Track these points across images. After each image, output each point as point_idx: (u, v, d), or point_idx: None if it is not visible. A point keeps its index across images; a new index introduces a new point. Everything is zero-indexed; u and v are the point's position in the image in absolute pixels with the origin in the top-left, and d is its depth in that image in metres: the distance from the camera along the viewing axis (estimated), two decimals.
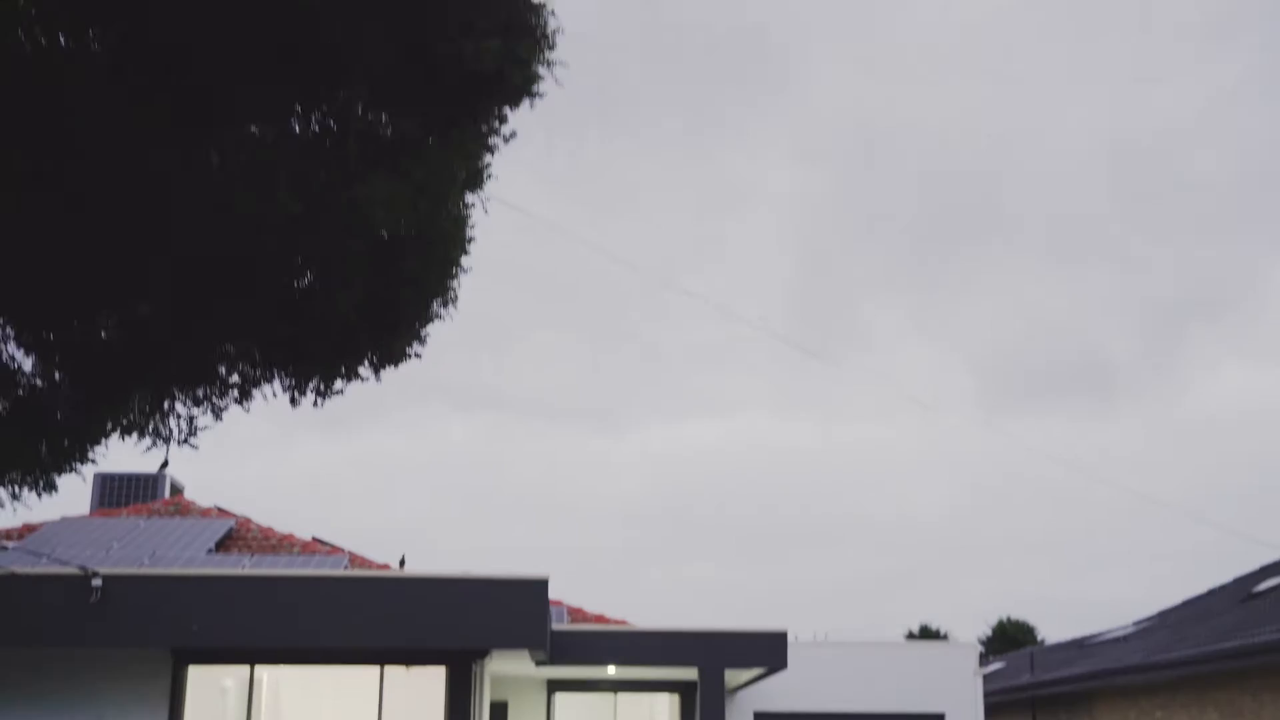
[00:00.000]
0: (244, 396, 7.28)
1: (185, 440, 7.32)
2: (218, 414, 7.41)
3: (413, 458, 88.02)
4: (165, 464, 22.76)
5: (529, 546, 74.50)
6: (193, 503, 21.66)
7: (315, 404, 7.38)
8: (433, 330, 7.46)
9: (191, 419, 7.35)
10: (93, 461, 7.48)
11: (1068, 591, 73.05)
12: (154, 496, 22.47)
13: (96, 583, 14.27)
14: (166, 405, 7.22)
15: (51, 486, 7.44)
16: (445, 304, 7.53)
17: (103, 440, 7.37)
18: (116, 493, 22.47)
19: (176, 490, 23.11)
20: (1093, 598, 70.73)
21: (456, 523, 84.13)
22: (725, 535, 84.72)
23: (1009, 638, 46.23)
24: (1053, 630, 52.03)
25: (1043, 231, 56.14)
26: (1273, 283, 57.62)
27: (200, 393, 7.23)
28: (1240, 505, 69.46)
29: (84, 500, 22.51)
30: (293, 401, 7.35)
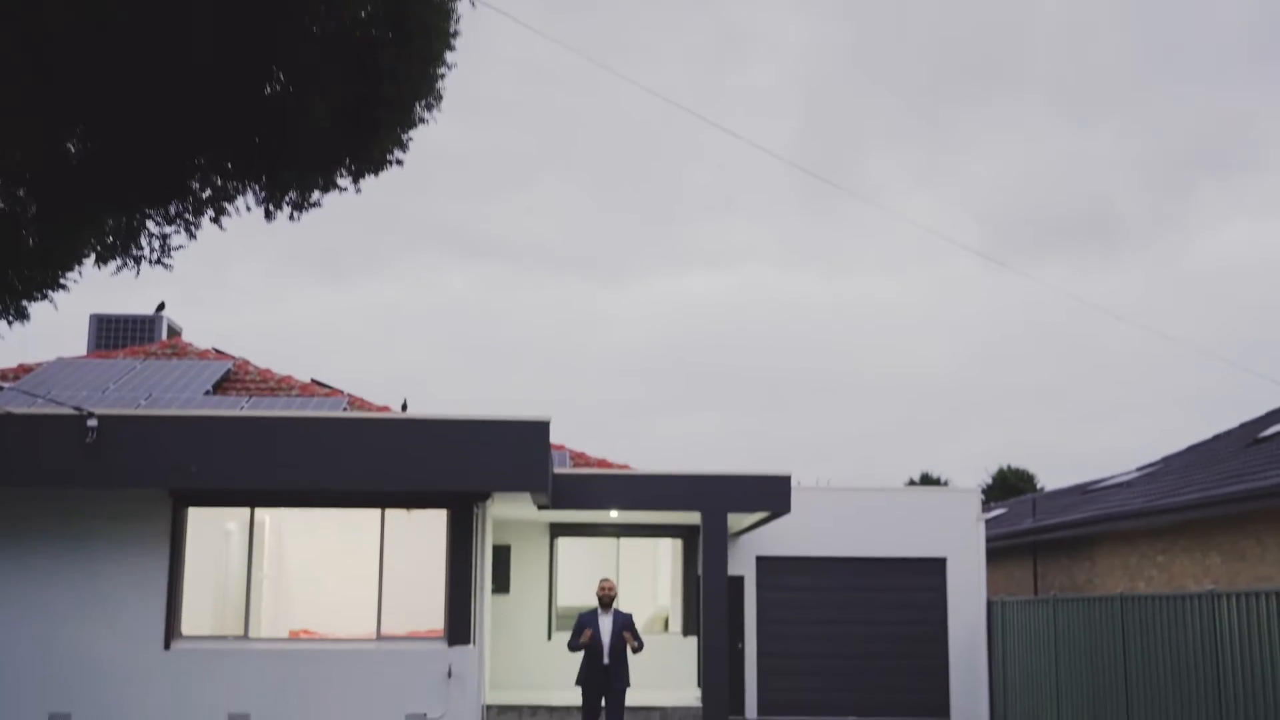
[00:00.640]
0: (218, 213, 6.88)
1: (158, 260, 6.96)
2: (191, 232, 7.03)
3: (412, 307, 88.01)
4: (162, 305, 22.51)
5: (531, 396, 74.90)
6: (190, 344, 21.42)
7: (291, 217, 6.98)
8: (417, 137, 7.02)
9: (164, 237, 6.97)
10: (64, 288, 7.14)
11: (1069, 442, 73.62)
12: (151, 339, 22.24)
13: (92, 423, 14.12)
14: (136, 223, 6.83)
15: (23, 315, 7.11)
16: (429, 106, 7.06)
17: (75, 266, 7.02)
18: (113, 334, 22.24)
19: (174, 332, 22.88)
20: (1094, 447, 71.30)
21: (457, 372, 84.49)
22: (729, 386, 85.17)
23: (1009, 486, 46.53)
24: (1053, 479, 52.47)
25: (1052, 83, 54.97)
26: None
27: (172, 209, 6.84)
28: (1246, 353, 69.40)
29: (80, 342, 22.32)
30: (267, 215, 6.95)
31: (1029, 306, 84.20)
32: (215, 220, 6.90)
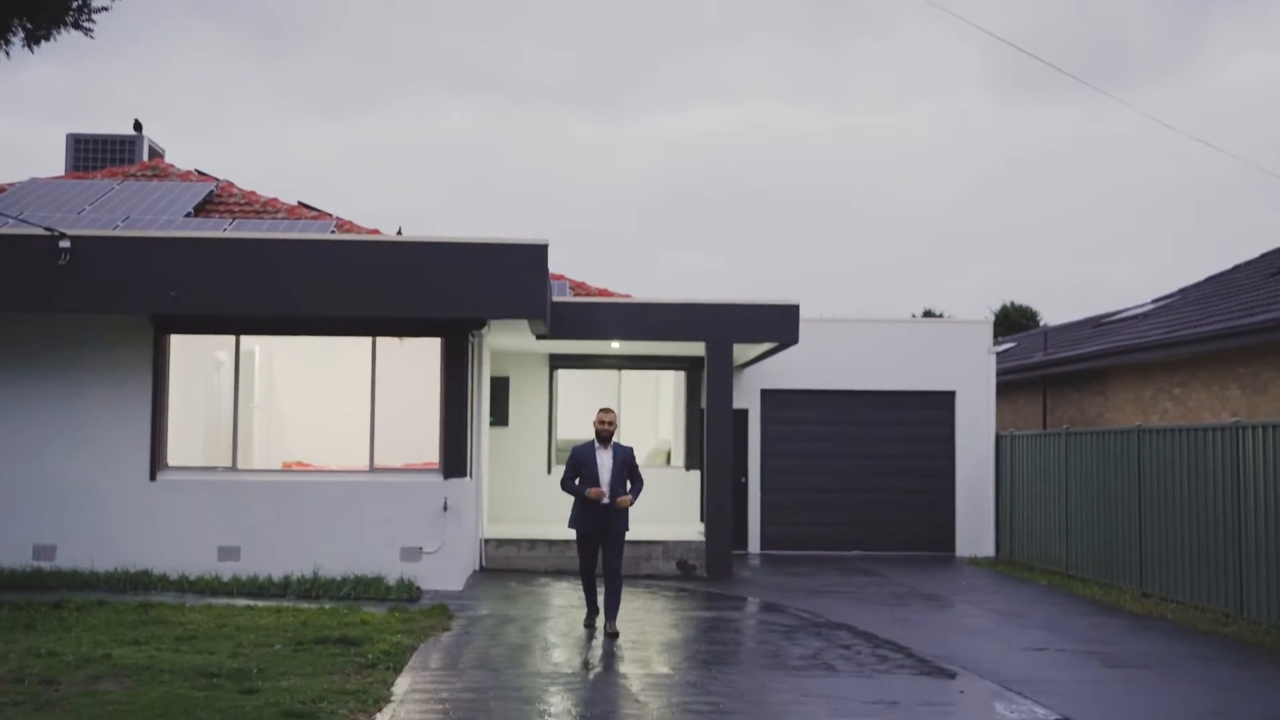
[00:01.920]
0: None
1: (76, 23, 6.08)
2: None
3: (411, 141, 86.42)
4: (139, 125, 21.53)
5: (531, 230, 74.02)
6: (171, 166, 20.52)
7: None
8: None
9: None
10: None
11: (1071, 278, 73.00)
12: (131, 160, 21.32)
13: (64, 244, 13.39)
14: None
15: None
16: None
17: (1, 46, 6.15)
18: (91, 155, 21.30)
19: (155, 154, 21.93)
20: (1096, 284, 70.70)
21: (455, 206, 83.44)
22: (732, 222, 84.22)
23: (1012, 322, 46.00)
24: (1056, 316, 51.92)
25: None
26: None
27: None
28: (1258, 188, 68.42)
29: (58, 163, 21.41)
30: None
31: (1031, 141, 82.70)
32: None
